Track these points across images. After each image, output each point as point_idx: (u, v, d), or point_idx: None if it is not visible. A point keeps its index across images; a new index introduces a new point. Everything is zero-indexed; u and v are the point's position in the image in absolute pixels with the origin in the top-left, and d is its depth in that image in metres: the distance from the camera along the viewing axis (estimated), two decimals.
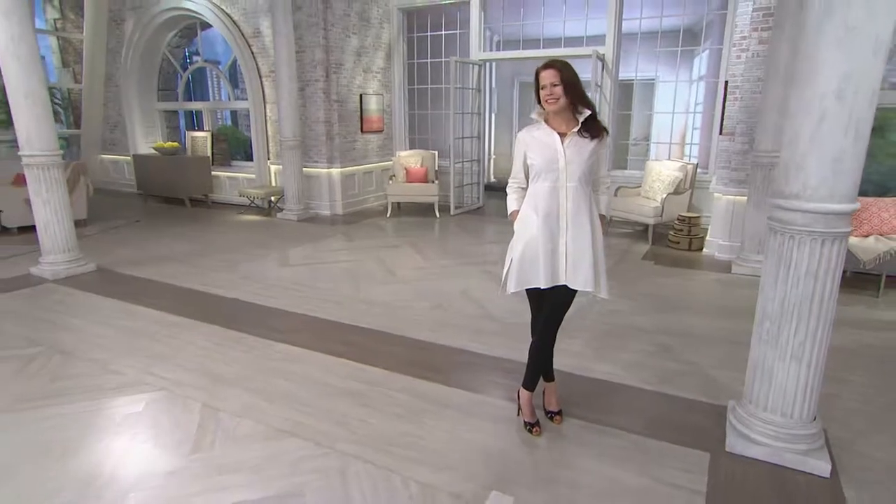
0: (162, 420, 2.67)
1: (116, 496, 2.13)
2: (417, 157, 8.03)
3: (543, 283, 2.36)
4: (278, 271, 5.20)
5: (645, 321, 3.93)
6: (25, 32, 4.40)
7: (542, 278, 2.36)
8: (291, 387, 2.99)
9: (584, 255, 2.34)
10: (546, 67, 2.25)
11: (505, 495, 2.13)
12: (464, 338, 3.65)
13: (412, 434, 2.56)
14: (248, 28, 8.00)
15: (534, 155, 2.38)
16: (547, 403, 2.71)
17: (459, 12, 8.16)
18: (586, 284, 2.35)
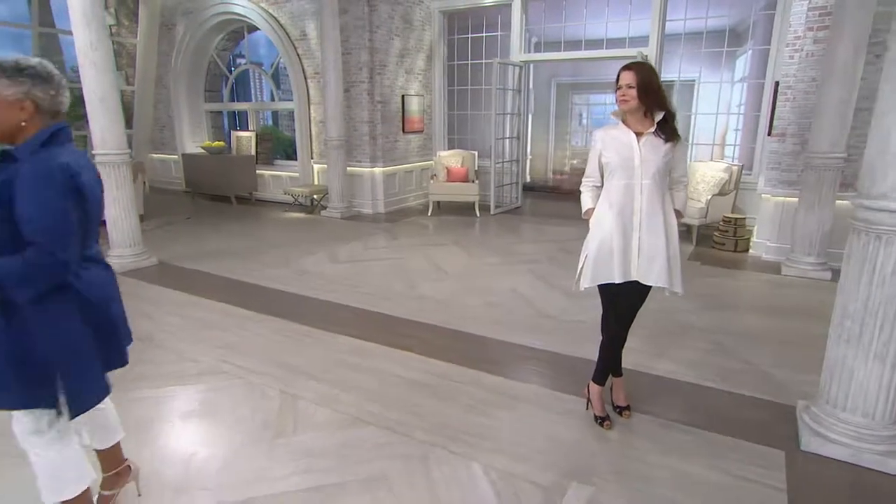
0: (243, 406, 2.81)
1: (210, 476, 2.27)
2: (458, 156, 8.13)
3: (617, 279, 2.43)
4: (331, 267, 5.36)
5: (699, 320, 3.95)
6: (102, 40, 4.65)
7: (615, 273, 2.43)
8: (362, 378, 3.12)
9: (658, 252, 2.40)
10: (626, 68, 2.32)
11: (585, 485, 2.20)
12: (520, 334, 3.73)
13: (485, 425, 2.65)
14: (295, 31, 8.21)
15: (610, 153, 2.45)
16: (615, 398, 2.78)
17: (500, 14, 8.23)
18: (659, 280, 2.41)
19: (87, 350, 1.63)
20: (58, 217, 1.48)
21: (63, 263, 1.49)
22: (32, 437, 1.65)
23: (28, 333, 1.53)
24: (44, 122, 1.58)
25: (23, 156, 1.51)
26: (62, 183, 1.50)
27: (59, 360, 1.57)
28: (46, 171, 1.48)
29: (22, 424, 1.65)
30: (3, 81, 1.50)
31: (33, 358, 1.54)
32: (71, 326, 1.59)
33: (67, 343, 1.58)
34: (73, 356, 1.60)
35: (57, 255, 1.47)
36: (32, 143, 1.54)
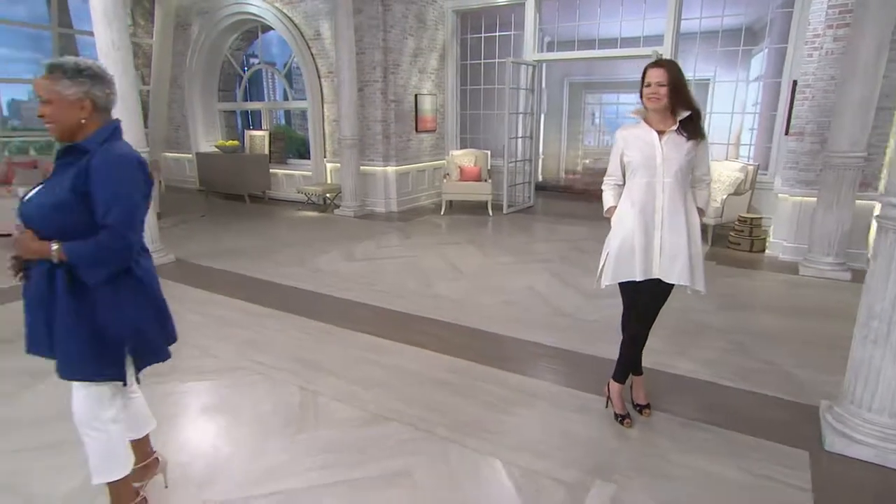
0: (265, 401, 2.84)
1: (234, 470, 2.30)
2: (471, 156, 8.14)
3: (639, 276, 2.43)
4: (345, 265, 5.39)
5: (717, 320, 3.93)
6: (123, 39, 4.71)
7: (637, 271, 2.43)
8: (381, 374, 3.14)
9: (680, 250, 2.40)
10: (655, 66, 2.31)
11: (607, 483, 2.21)
12: (536, 332, 3.73)
13: (504, 421, 2.66)
14: (309, 30, 8.26)
15: (632, 152, 2.45)
16: (635, 396, 2.77)
17: (514, 13, 8.23)
18: (681, 279, 2.40)
19: (151, 326, 1.78)
20: (129, 202, 1.61)
21: (132, 245, 1.62)
22: (95, 410, 1.74)
23: (99, 313, 1.65)
24: (100, 119, 1.68)
25: (92, 147, 1.62)
26: (131, 172, 1.64)
27: (128, 336, 1.71)
28: (118, 160, 1.62)
29: (83, 399, 1.73)
30: (64, 82, 1.59)
31: (105, 335, 1.66)
32: (137, 306, 1.72)
33: (135, 321, 1.72)
34: (140, 332, 1.74)
35: (128, 238, 1.60)
36: (99, 136, 1.65)
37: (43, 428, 2.58)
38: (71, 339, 1.64)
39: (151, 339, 1.80)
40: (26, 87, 11.04)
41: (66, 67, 1.60)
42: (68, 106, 1.61)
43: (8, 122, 10.07)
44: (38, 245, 1.59)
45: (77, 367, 1.67)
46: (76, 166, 1.60)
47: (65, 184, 1.60)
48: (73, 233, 1.59)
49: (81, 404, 1.75)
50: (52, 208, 1.60)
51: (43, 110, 1.62)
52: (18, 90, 11.12)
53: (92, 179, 1.57)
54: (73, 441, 2.34)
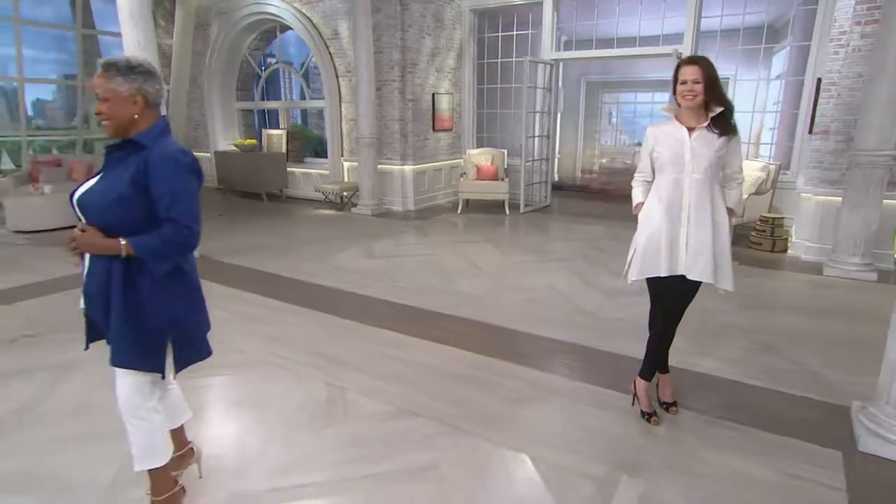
0: (292, 395, 2.87)
1: (265, 462, 2.33)
2: (488, 155, 8.14)
3: (663, 272, 2.43)
4: (366, 262, 5.42)
5: (740, 319, 3.90)
6: (149, 39, 4.79)
7: (662, 267, 2.43)
8: (405, 370, 3.16)
9: (704, 247, 2.38)
10: (689, 63, 2.30)
11: (636, 479, 2.20)
12: (558, 330, 3.73)
13: (529, 417, 2.67)
14: (327, 30, 8.32)
15: (661, 148, 2.44)
16: (661, 394, 2.76)
17: (531, 12, 8.21)
18: (703, 275, 2.39)
19: (192, 318, 1.83)
20: (190, 194, 1.67)
21: (196, 235, 1.69)
22: (137, 399, 1.78)
23: (145, 305, 1.70)
24: (151, 114, 1.72)
25: (148, 143, 1.66)
26: (188, 165, 1.68)
27: (169, 327, 1.75)
28: (175, 154, 1.67)
29: (127, 387, 1.78)
30: (118, 79, 1.64)
31: (148, 326, 1.71)
32: (180, 299, 1.78)
33: (177, 313, 1.76)
34: (181, 324, 1.78)
35: (192, 228, 1.65)
36: (153, 132, 1.70)
37: (77, 419, 2.64)
38: (121, 328, 1.70)
39: (191, 333, 1.85)
40: (50, 87, 11.28)
41: (119, 65, 1.65)
42: (122, 102, 1.65)
43: (32, 122, 10.26)
44: (106, 242, 1.64)
45: (124, 355, 1.73)
46: (134, 161, 1.65)
47: (124, 178, 1.64)
48: (131, 226, 1.64)
49: (125, 393, 1.79)
50: (112, 202, 1.64)
51: (100, 108, 1.66)
52: (43, 90, 11.32)
53: (152, 174, 1.62)
54: (108, 432, 2.42)
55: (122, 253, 1.63)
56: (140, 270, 1.68)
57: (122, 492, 2.13)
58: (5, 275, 4.90)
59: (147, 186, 1.62)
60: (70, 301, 4.22)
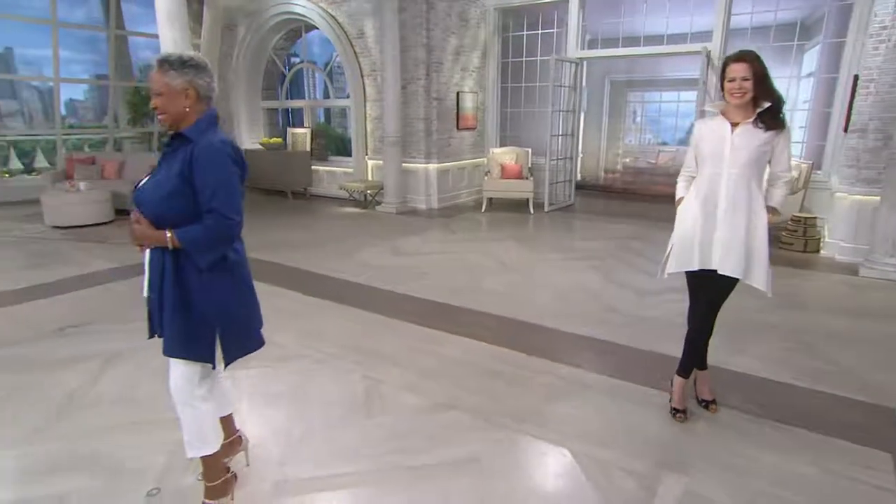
0: (330, 388, 2.92)
1: (308, 452, 2.38)
2: (512, 153, 8.13)
3: (696, 266, 2.43)
4: (393, 259, 5.47)
5: (777, 319, 3.85)
6: (184, 38, 4.89)
7: (695, 261, 2.43)
8: (439, 364, 3.18)
9: (736, 243, 2.37)
10: (738, 60, 2.27)
11: (679, 475, 2.19)
12: (589, 327, 3.72)
13: (565, 412, 2.67)
14: (353, 29, 8.39)
15: (704, 144, 2.44)
16: (700, 392, 2.74)
17: (556, 10, 8.18)
18: (734, 271, 2.38)
19: (240, 309, 1.86)
20: (231, 186, 1.70)
21: (237, 226, 1.71)
22: (187, 388, 1.83)
23: (194, 296, 1.74)
24: (202, 108, 1.76)
25: (194, 136, 1.71)
26: (230, 157, 1.72)
27: (219, 318, 1.78)
28: (219, 146, 1.70)
29: (179, 376, 1.83)
30: (171, 73, 1.69)
31: (198, 316, 1.75)
32: (229, 290, 1.81)
33: (226, 304, 1.80)
34: (230, 315, 1.82)
35: (233, 219, 1.69)
36: (200, 124, 1.74)
37: (126, 406, 2.72)
38: (173, 318, 1.74)
39: (241, 325, 1.88)
40: (82, 87, 11.57)
41: (171, 60, 1.71)
42: (175, 95, 1.70)
43: (65, 121, 10.52)
44: (155, 233, 1.70)
45: (174, 344, 1.77)
46: (182, 154, 1.70)
47: (173, 171, 1.69)
48: (180, 218, 1.69)
49: (177, 381, 1.84)
50: (163, 196, 1.70)
51: (156, 102, 1.72)
52: (75, 90, 11.61)
53: (195, 166, 1.67)
54: (157, 420, 2.49)
55: (169, 244, 1.69)
56: (189, 262, 1.72)
57: (175, 476, 2.18)
58: (47, 269, 5.04)
59: (192, 178, 1.67)
60: (109, 294, 4.36)
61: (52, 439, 2.43)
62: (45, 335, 3.56)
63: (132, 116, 10.83)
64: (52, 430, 2.50)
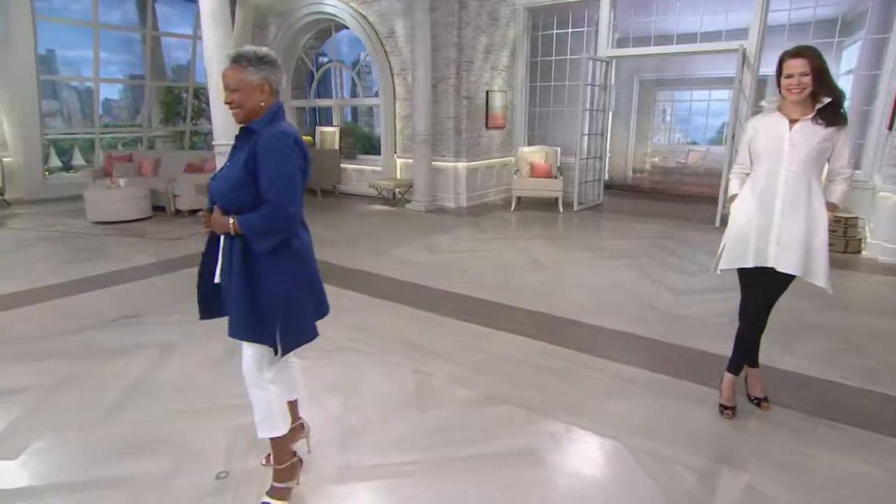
0: (382, 381, 2.97)
1: (365, 441, 2.43)
2: (541, 152, 8.13)
3: (751, 263, 2.42)
4: (428, 257, 5.52)
5: (823, 319, 3.80)
6: (228, 38, 5.00)
7: (750, 258, 2.42)
8: (485, 359, 3.22)
9: (795, 240, 2.35)
10: (795, 56, 2.26)
11: (738, 471, 2.19)
12: (630, 324, 3.73)
13: (616, 407, 2.69)
14: (383, 29, 8.47)
15: (759, 140, 2.43)
16: (751, 389, 2.73)
17: (587, 9, 8.16)
18: (793, 268, 2.37)
19: (302, 298, 1.89)
20: (289, 176, 1.74)
21: (293, 216, 1.75)
22: (256, 370, 1.90)
23: (260, 280, 1.79)
24: (272, 101, 1.82)
25: (259, 128, 1.77)
26: (291, 148, 1.76)
27: (281, 304, 1.82)
28: (280, 138, 1.75)
29: (248, 359, 1.90)
30: (249, 69, 1.75)
31: (262, 300, 1.80)
32: (292, 278, 1.85)
33: (289, 291, 1.84)
34: (291, 302, 1.85)
35: (289, 209, 1.73)
36: (265, 118, 1.80)
37: (186, 393, 2.81)
38: (239, 302, 1.81)
39: (299, 313, 1.88)
40: (117, 87, 11.86)
41: (249, 56, 1.76)
42: (252, 91, 1.76)
43: (101, 120, 10.79)
44: (223, 220, 1.77)
45: (241, 328, 1.83)
46: (248, 146, 1.76)
47: (239, 163, 1.76)
48: (249, 207, 1.75)
49: (247, 363, 1.92)
50: (231, 186, 1.77)
51: (231, 97, 1.78)
52: (111, 90, 11.91)
53: (258, 157, 1.72)
54: (217, 406, 2.62)
55: (232, 230, 1.75)
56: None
57: (238, 460, 2.26)
58: (94, 262, 5.20)
59: (255, 168, 1.72)
60: (154, 287, 4.48)
61: (120, 423, 2.53)
62: (100, 325, 3.69)
63: (165, 115, 11.08)
64: (120, 415, 2.60)
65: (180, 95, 11.16)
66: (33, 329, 3.63)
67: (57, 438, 2.42)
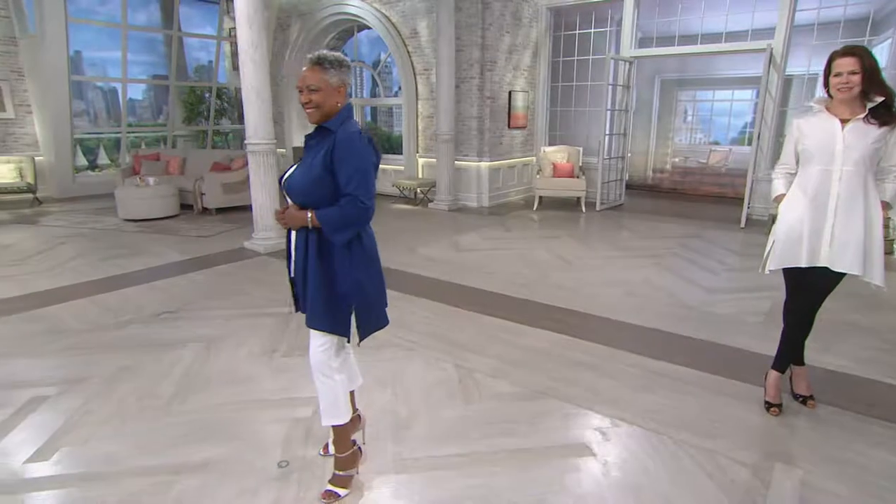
0: (425, 375, 3.01)
1: (417, 433, 2.48)
2: (564, 152, 8.15)
3: (804, 262, 2.43)
4: (456, 255, 5.56)
5: (862, 319, 3.79)
6: (261, 40, 5.09)
7: (803, 258, 2.43)
8: (523, 355, 3.25)
9: (853, 238, 2.36)
10: (845, 55, 2.27)
11: (791, 467, 2.21)
12: (664, 322, 3.75)
13: (660, 403, 2.71)
14: (406, 29, 8.53)
15: (809, 141, 2.43)
16: (796, 387, 2.74)
17: (610, 9, 8.16)
18: (852, 267, 2.37)
19: (374, 287, 1.98)
20: (367, 174, 1.83)
21: (369, 209, 1.84)
22: (325, 359, 1.97)
23: (336, 273, 1.89)
24: (344, 103, 1.90)
25: (335, 127, 1.85)
26: (365, 146, 1.85)
27: (355, 293, 1.91)
28: (356, 138, 1.83)
29: (318, 348, 1.97)
30: (332, 72, 1.84)
31: (338, 291, 1.89)
32: (364, 268, 1.94)
33: (362, 281, 1.92)
34: (365, 291, 1.94)
35: (366, 203, 1.82)
36: (340, 118, 1.88)
37: (236, 386, 2.88)
38: (316, 294, 1.89)
39: (373, 301, 2.00)
40: (140, 87, 12.03)
41: (330, 59, 1.84)
42: (332, 92, 1.84)
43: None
44: (300, 214, 1.85)
45: (318, 318, 1.91)
46: (325, 145, 1.84)
47: (317, 161, 1.83)
48: (325, 202, 1.84)
49: (316, 352, 1.99)
50: (310, 183, 1.84)
51: (310, 97, 1.84)
52: (135, 90, 12.09)
53: (336, 155, 1.80)
54: (267, 399, 2.67)
55: (309, 224, 1.83)
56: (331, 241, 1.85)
57: (297, 449, 2.32)
58: (130, 259, 5.31)
59: (333, 166, 1.80)
60: (191, 284, 4.57)
61: (180, 413, 2.61)
62: (144, 320, 3.78)
63: (187, 115, 11.24)
64: (179, 405, 2.68)
65: (203, 95, 11.31)
66: (82, 323, 3.73)
67: (122, 426, 2.50)
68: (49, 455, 2.29)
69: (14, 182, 7.78)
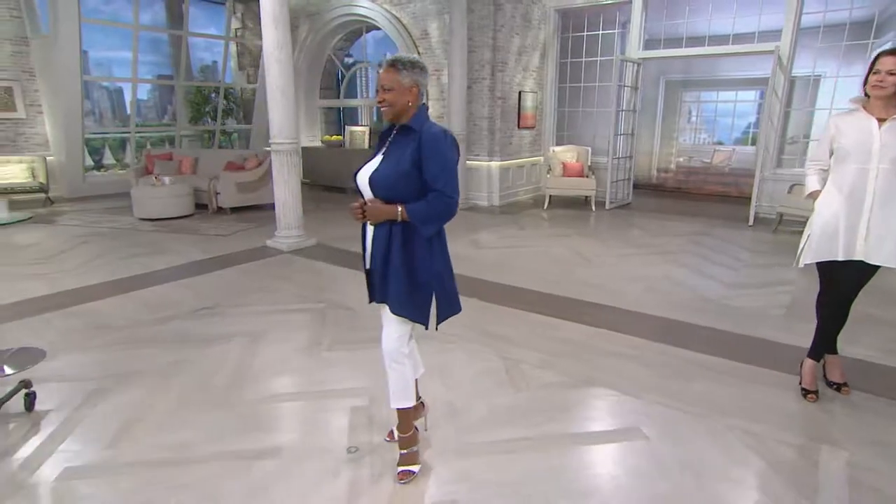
0: (471, 367, 3.10)
1: (475, 420, 2.57)
2: (573, 152, 8.28)
3: (840, 256, 2.55)
4: (476, 252, 5.66)
5: (881, 312, 3.91)
6: (286, 40, 5.14)
7: (839, 251, 2.55)
8: (563, 347, 3.35)
9: (890, 231, 2.47)
10: (890, 54, 2.38)
11: (837, 449, 2.33)
12: (690, 315, 3.87)
13: (701, 391, 2.82)
14: (416, 30, 8.62)
15: (845, 139, 2.54)
16: (830, 375, 2.86)
17: (619, 11, 8.30)
18: (888, 260, 2.49)
19: (449, 276, 2.11)
20: (451, 169, 1.94)
21: (455, 204, 1.95)
22: (398, 348, 2.09)
23: (418, 263, 1.99)
24: (418, 103, 2.00)
25: (418, 126, 1.96)
26: (449, 144, 1.96)
27: (436, 282, 2.03)
28: (441, 135, 1.94)
29: (393, 335, 2.09)
30: (404, 73, 1.93)
31: (420, 280, 2.00)
32: (443, 259, 2.07)
33: (440, 271, 2.04)
34: (444, 280, 2.06)
35: (453, 198, 1.93)
36: (420, 117, 1.99)
37: (286, 378, 2.98)
38: (400, 284, 1.99)
39: (449, 289, 2.11)
40: (146, 87, 12.01)
41: (404, 61, 1.94)
42: (404, 92, 1.94)
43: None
44: (387, 208, 1.94)
45: (402, 306, 2.02)
46: (409, 142, 1.94)
47: (405, 157, 1.93)
48: (410, 196, 1.93)
49: (391, 340, 2.11)
50: (399, 177, 1.94)
51: (384, 96, 1.95)
52: (141, 90, 12.05)
53: (423, 153, 1.90)
54: (317, 390, 2.81)
55: (399, 217, 1.93)
56: (415, 233, 1.96)
57: (363, 436, 2.41)
58: (153, 257, 5.35)
59: (420, 163, 1.90)
60: (221, 280, 4.62)
61: (241, 404, 2.68)
62: (183, 316, 3.83)
63: (193, 115, 11.24)
64: (238, 396, 2.75)
65: (209, 96, 11.32)
66: (123, 319, 3.78)
67: (189, 416, 2.57)
68: (124, 442, 2.36)
69: (27, 182, 7.77)
